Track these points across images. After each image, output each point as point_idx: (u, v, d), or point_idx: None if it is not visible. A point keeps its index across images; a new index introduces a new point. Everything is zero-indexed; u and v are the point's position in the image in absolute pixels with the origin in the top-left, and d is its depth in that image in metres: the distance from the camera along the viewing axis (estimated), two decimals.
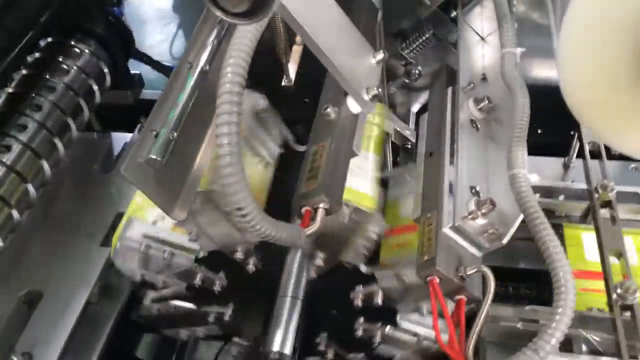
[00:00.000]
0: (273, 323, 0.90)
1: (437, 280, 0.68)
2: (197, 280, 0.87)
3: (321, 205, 0.65)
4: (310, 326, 0.97)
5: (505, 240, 0.70)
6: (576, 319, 0.62)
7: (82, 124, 1.03)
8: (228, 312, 0.93)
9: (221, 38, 0.75)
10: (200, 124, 0.73)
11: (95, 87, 1.03)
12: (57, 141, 0.95)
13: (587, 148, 1.00)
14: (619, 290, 0.79)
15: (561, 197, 0.99)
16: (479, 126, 0.82)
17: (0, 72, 0.90)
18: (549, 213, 0.95)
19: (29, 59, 0.97)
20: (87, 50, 1.03)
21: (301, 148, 1.02)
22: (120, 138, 1.19)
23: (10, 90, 0.94)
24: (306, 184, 0.68)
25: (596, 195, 0.92)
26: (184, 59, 0.74)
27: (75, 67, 1.01)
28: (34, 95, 0.94)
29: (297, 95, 1.11)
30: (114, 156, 1.17)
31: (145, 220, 0.86)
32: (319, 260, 0.89)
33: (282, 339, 0.89)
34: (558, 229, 0.96)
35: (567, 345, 0.76)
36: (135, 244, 0.85)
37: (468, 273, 0.68)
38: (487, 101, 0.82)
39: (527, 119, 0.73)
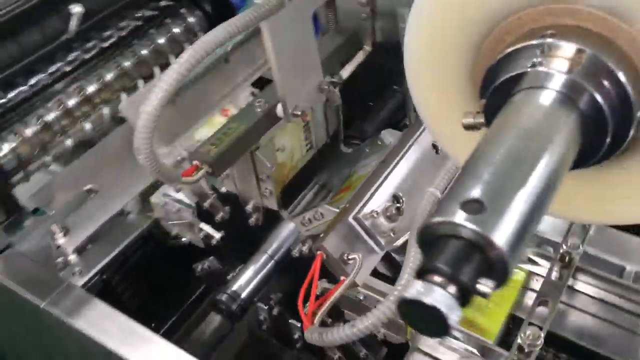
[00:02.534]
0: (243, 269, 1.07)
1: (324, 256, 0.78)
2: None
3: (204, 168, 0.80)
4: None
5: (397, 243, 0.78)
6: None
7: None
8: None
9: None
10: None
11: None
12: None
13: None
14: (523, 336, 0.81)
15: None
16: (439, 151, 0.89)
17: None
18: None
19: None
20: (190, 19, 1.28)
21: (345, 149, 1.15)
22: None
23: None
24: (208, 144, 0.83)
25: (561, 249, 0.92)
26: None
27: (176, 30, 1.26)
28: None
29: None
30: None
31: None
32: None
33: (243, 283, 1.05)
34: None
35: None
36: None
37: (349, 257, 0.77)
38: None
39: None
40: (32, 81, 1.08)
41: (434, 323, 0.37)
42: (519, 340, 0.80)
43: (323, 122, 1.01)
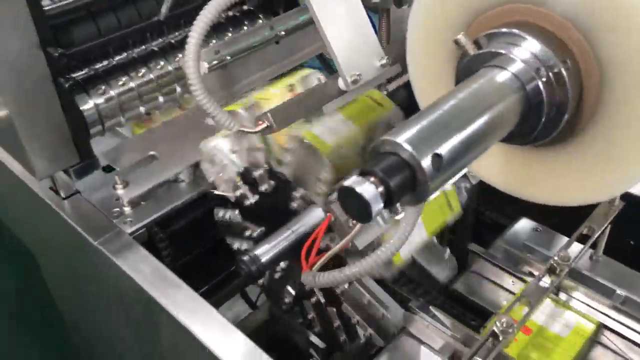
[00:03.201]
0: (267, 239, 1.19)
1: (332, 217, 0.90)
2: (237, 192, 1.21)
3: (266, 122, 0.92)
4: None
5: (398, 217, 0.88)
6: None
7: None
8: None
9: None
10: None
11: None
12: None
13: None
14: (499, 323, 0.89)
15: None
16: None
17: None
18: None
19: None
20: None
21: None
22: None
23: None
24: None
25: (552, 260, 0.99)
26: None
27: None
28: None
29: None
30: None
31: None
32: None
33: (265, 250, 1.17)
34: None
35: None
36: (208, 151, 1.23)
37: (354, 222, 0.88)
38: None
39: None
40: (123, 52, 1.27)
41: (361, 210, 0.48)
42: (494, 328, 0.88)
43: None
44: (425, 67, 0.68)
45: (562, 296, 1.06)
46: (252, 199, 1.21)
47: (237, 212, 1.29)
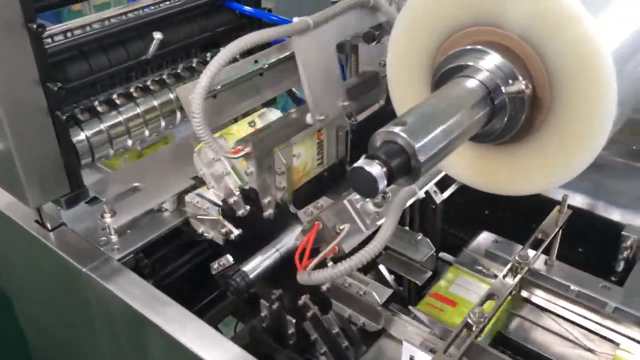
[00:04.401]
0: (253, 257, 1.27)
1: (320, 225, 1.00)
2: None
3: (246, 147, 1.04)
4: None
5: (378, 223, 0.99)
6: None
7: None
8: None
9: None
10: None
11: None
12: None
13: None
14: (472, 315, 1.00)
15: None
16: None
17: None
18: None
19: None
20: None
21: None
22: None
23: None
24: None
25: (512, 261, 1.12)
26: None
27: None
28: None
29: None
30: None
31: None
32: None
33: (252, 267, 1.25)
34: None
35: None
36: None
37: (340, 228, 0.99)
38: None
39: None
40: (111, 88, 1.37)
41: (370, 186, 0.59)
42: (467, 319, 0.99)
43: (334, 144, 1.26)
44: (403, 79, 0.81)
45: (524, 293, 1.18)
46: (236, 232, 1.30)
47: (228, 257, 1.38)
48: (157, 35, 1.31)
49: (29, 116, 1.18)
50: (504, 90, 0.70)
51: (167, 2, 1.46)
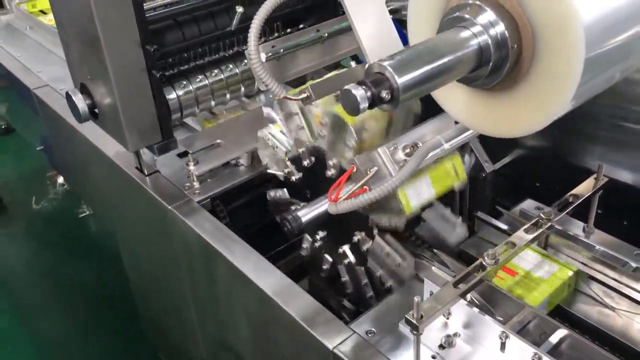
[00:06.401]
0: (307, 204, 1.44)
1: (354, 168, 1.15)
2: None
3: (306, 92, 1.19)
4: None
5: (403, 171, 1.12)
6: None
7: None
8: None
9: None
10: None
11: None
12: None
13: None
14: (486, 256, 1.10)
15: None
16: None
17: None
18: None
19: None
20: None
21: None
22: None
23: None
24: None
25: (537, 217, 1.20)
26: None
27: None
28: None
29: None
30: None
31: None
32: None
33: (305, 212, 1.42)
34: None
35: None
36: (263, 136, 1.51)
37: (370, 170, 1.13)
38: None
39: None
40: (201, 56, 1.59)
41: (353, 105, 0.74)
42: (481, 260, 1.09)
43: (402, 125, 1.38)
44: (418, 21, 0.94)
45: (550, 251, 1.25)
46: (297, 175, 1.47)
47: (285, 190, 1.56)
48: (240, 9, 1.51)
49: (131, 73, 1.43)
50: (490, 45, 0.81)
51: None
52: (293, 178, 1.46)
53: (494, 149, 1.62)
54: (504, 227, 1.35)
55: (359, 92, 0.74)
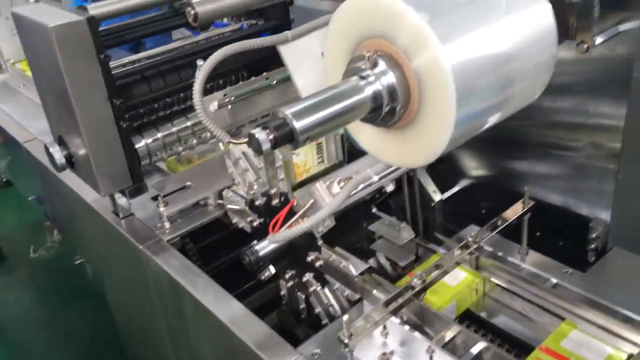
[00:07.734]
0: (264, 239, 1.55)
1: (294, 202, 1.27)
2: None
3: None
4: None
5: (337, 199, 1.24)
6: None
7: None
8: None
9: None
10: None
11: None
12: None
13: None
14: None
15: None
16: None
17: None
18: None
19: None
20: None
21: None
22: None
23: None
24: None
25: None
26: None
27: None
28: None
29: None
30: None
31: None
32: None
33: (263, 246, 1.53)
34: None
35: None
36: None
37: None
38: None
39: None
40: (168, 105, 1.74)
41: (257, 146, 0.86)
42: (411, 282, 1.20)
43: (333, 146, 1.51)
44: (333, 68, 1.06)
45: (482, 272, 1.35)
46: (258, 221, 1.59)
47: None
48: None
49: (101, 125, 1.57)
50: (382, 92, 0.94)
51: (215, 37, 1.82)
52: (255, 224, 1.58)
53: (446, 179, 1.75)
54: (442, 251, 1.46)
55: (262, 136, 0.86)
